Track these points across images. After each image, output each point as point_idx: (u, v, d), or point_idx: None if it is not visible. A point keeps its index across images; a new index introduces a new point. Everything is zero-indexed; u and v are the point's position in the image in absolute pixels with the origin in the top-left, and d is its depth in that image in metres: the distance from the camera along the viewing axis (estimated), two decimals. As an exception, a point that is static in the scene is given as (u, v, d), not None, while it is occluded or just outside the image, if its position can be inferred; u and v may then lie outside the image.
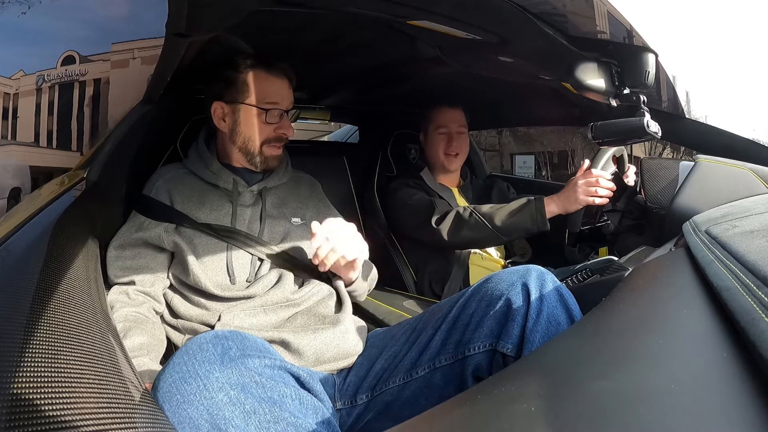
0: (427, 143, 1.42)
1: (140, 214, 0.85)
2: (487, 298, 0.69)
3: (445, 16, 0.80)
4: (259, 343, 0.57)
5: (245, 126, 0.89)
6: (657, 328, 0.37)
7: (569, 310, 0.66)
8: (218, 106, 0.90)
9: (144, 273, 0.80)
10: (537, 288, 0.67)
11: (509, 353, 0.65)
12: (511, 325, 0.65)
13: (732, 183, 0.91)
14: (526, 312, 0.65)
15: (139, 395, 0.45)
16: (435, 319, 0.74)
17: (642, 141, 0.85)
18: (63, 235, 0.61)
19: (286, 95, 0.92)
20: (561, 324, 0.64)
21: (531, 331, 0.64)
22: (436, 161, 1.40)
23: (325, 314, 0.81)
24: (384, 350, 0.76)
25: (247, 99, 0.88)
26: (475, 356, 0.68)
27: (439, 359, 0.70)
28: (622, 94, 0.87)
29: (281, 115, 0.91)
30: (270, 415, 0.48)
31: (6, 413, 0.29)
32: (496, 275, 0.72)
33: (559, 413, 0.28)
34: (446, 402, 0.36)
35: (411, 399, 0.70)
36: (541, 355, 0.43)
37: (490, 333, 0.67)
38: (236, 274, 0.81)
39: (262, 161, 0.91)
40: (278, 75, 0.91)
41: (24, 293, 0.43)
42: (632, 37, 0.85)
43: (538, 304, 0.65)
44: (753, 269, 0.34)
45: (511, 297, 0.67)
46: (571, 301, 0.67)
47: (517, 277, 0.69)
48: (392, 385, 0.72)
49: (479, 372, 0.68)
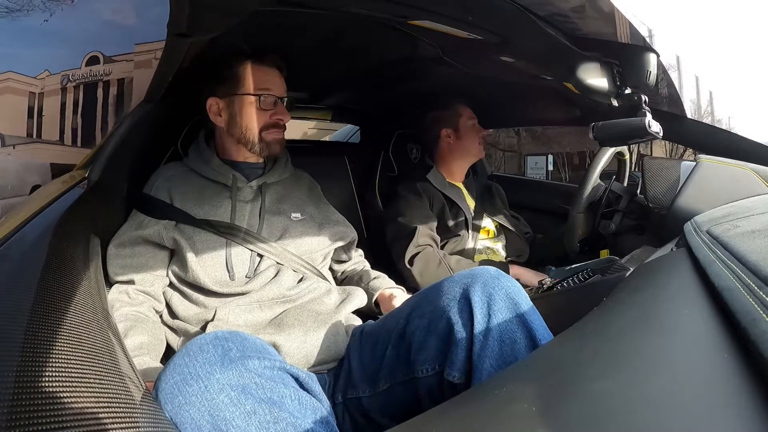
0: (459, 137, 1.42)
1: (140, 213, 0.85)
2: (427, 315, 0.63)
3: (446, 16, 0.80)
4: (259, 344, 0.57)
5: (241, 116, 0.91)
6: (658, 329, 0.37)
7: (526, 325, 0.57)
8: (213, 102, 0.92)
9: (143, 272, 0.81)
10: (483, 300, 0.58)
11: (456, 381, 0.59)
12: (455, 350, 0.58)
13: (733, 183, 0.91)
14: (470, 334, 0.57)
15: (140, 395, 0.45)
16: (388, 331, 0.70)
17: (643, 141, 0.85)
18: (64, 235, 0.61)
19: (279, 83, 0.94)
20: (517, 342, 0.56)
21: (479, 357, 0.56)
22: (471, 152, 1.42)
23: (318, 311, 0.81)
24: (359, 355, 0.74)
25: (240, 89, 0.90)
26: (423, 379, 0.62)
27: (395, 375, 0.66)
28: (623, 94, 0.87)
29: (275, 101, 0.92)
30: (270, 415, 0.48)
31: (6, 413, 0.29)
32: (439, 284, 0.65)
33: (560, 414, 0.28)
34: (446, 402, 0.36)
35: (381, 410, 0.68)
36: (542, 355, 0.43)
37: (435, 355, 0.61)
38: (235, 270, 0.81)
39: (264, 147, 0.92)
40: (268, 65, 0.93)
41: (25, 292, 0.44)
42: (634, 37, 0.85)
43: (485, 322, 0.57)
44: (754, 269, 0.34)
45: (452, 315, 0.59)
46: (528, 313, 0.58)
47: (459, 288, 0.61)
48: (362, 394, 0.70)
49: (432, 395, 0.61)
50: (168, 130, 1.06)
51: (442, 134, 1.43)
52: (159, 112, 0.95)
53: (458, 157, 1.44)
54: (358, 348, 0.76)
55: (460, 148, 1.42)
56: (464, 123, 1.42)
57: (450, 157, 1.44)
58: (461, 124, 1.42)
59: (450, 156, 1.44)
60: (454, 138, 1.42)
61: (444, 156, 1.44)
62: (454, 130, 1.42)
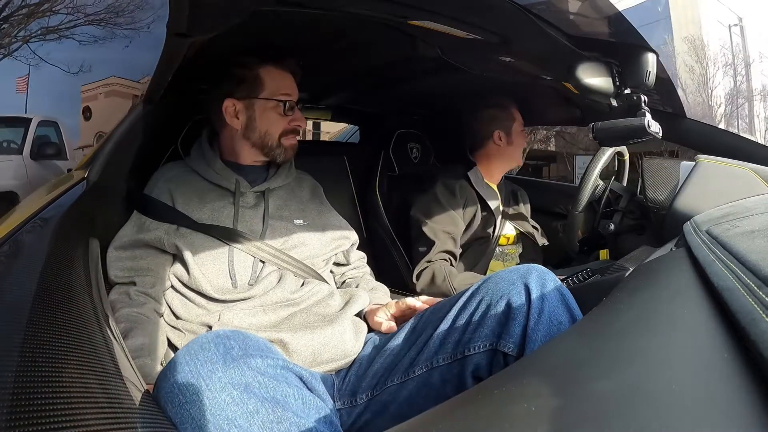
0: (511, 141, 1.40)
1: (141, 214, 0.85)
2: (488, 298, 0.69)
3: (446, 16, 0.80)
4: (261, 342, 0.57)
5: (262, 120, 0.91)
6: (657, 329, 0.37)
7: (571, 310, 0.66)
8: (230, 104, 0.91)
9: (144, 274, 0.80)
10: (538, 287, 0.67)
11: (510, 352, 0.65)
12: (513, 324, 0.65)
13: (733, 183, 0.91)
14: (527, 311, 0.65)
15: (140, 396, 0.45)
16: (434, 318, 0.74)
17: (643, 141, 0.85)
18: (64, 235, 0.61)
19: (295, 88, 0.95)
20: (563, 323, 0.64)
21: (533, 329, 0.64)
22: (516, 158, 1.42)
23: (324, 313, 0.81)
24: (383, 350, 0.76)
25: (262, 93, 0.91)
26: (474, 356, 0.68)
27: (437, 359, 0.70)
28: (623, 94, 0.87)
29: (293, 107, 0.93)
30: (273, 415, 0.48)
31: (7, 413, 0.29)
32: (497, 275, 0.72)
33: (560, 414, 0.28)
34: (447, 402, 0.36)
35: (409, 399, 0.70)
36: (542, 355, 0.43)
37: (490, 333, 0.67)
38: (238, 276, 0.81)
39: (282, 153, 0.93)
40: (287, 69, 0.94)
41: (25, 293, 0.43)
42: (633, 37, 0.85)
43: (540, 304, 0.65)
44: (754, 269, 0.34)
45: (513, 296, 0.67)
46: (572, 301, 0.67)
47: (518, 276, 0.69)
48: (390, 384, 0.71)
49: (479, 372, 0.68)
50: (168, 130, 1.06)
51: (494, 136, 1.40)
52: (159, 112, 0.95)
53: (503, 162, 1.42)
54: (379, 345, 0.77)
55: (508, 153, 1.40)
56: (516, 129, 1.40)
57: (496, 159, 1.41)
58: (514, 129, 1.40)
59: (496, 158, 1.41)
60: (505, 142, 1.40)
61: (489, 157, 1.42)
62: (507, 134, 1.40)
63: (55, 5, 4.35)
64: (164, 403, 0.49)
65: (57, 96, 4.30)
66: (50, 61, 4.19)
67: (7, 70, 4.28)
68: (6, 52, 4.42)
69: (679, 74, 9.88)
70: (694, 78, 10.25)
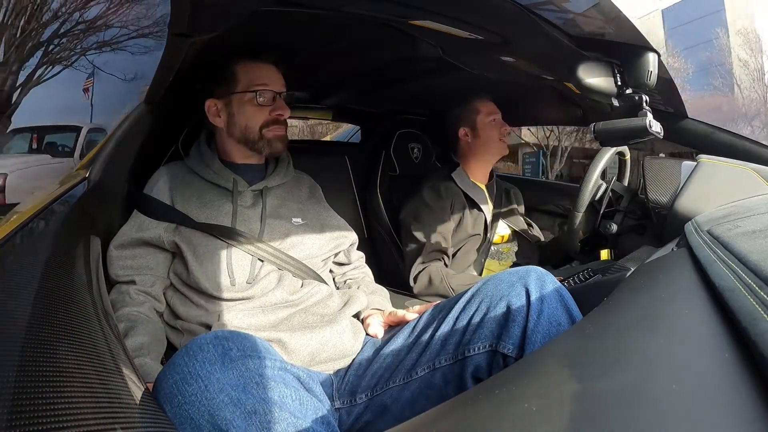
0: (477, 135, 1.38)
1: (141, 214, 0.85)
2: (487, 300, 0.70)
3: (447, 16, 0.80)
4: (260, 343, 0.57)
5: (240, 115, 0.90)
6: (658, 329, 0.37)
7: (570, 312, 0.66)
8: (212, 104, 0.91)
9: (144, 273, 0.81)
10: (537, 289, 0.67)
11: (510, 353, 0.66)
12: (512, 325, 0.66)
13: (734, 183, 0.91)
14: (526, 313, 0.66)
15: (140, 395, 0.45)
16: (436, 320, 0.74)
17: (644, 141, 0.85)
18: (64, 235, 0.61)
19: (276, 78, 0.93)
20: (562, 325, 0.65)
21: (533, 331, 0.64)
22: (491, 149, 1.39)
23: (323, 313, 0.81)
24: (383, 350, 0.76)
25: (237, 88, 0.90)
26: (474, 357, 0.68)
27: (439, 359, 0.70)
28: (624, 94, 0.87)
29: (274, 96, 0.91)
30: (271, 415, 0.48)
31: (7, 413, 0.29)
32: (496, 277, 0.72)
33: (561, 413, 0.28)
34: (447, 402, 0.36)
35: (411, 399, 0.70)
36: (542, 355, 0.43)
37: (490, 334, 0.68)
38: (236, 275, 0.81)
39: (266, 145, 0.91)
40: (264, 61, 0.92)
41: (26, 292, 0.43)
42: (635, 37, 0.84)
43: (539, 305, 0.66)
44: (755, 269, 0.34)
45: (512, 298, 0.67)
46: (571, 302, 0.68)
47: (517, 278, 0.69)
48: (392, 385, 0.72)
49: (479, 373, 0.68)
50: (168, 130, 1.06)
51: (460, 134, 1.40)
52: (159, 113, 0.95)
53: (480, 157, 1.40)
54: (379, 346, 0.78)
55: (478, 147, 1.39)
56: (482, 120, 1.38)
57: (471, 156, 1.41)
58: (478, 122, 1.38)
59: (471, 155, 1.41)
60: (471, 137, 1.39)
61: (465, 155, 1.42)
62: (471, 128, 1.39)
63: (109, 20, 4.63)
64: (163, 403, 0.49)
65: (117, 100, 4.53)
66: (106, 70, 4.50)
67: (72, 81, 4.85)
68: (67, 63, 4.96)
69: (734, 70, 9.59)
70: (749, 73, 10.01)
